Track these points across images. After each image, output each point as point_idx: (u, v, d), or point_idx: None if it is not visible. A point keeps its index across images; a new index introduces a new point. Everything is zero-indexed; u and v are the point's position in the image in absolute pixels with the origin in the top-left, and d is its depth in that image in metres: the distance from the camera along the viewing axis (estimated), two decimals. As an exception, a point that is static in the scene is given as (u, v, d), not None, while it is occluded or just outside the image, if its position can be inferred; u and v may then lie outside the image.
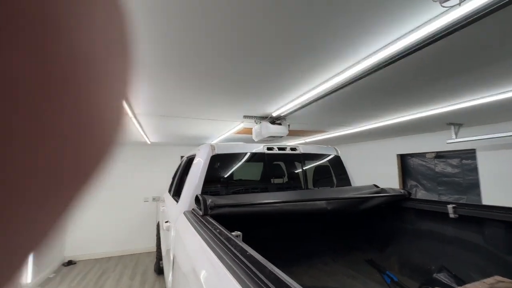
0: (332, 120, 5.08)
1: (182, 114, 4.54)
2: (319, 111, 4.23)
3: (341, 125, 5.64)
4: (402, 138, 6.06)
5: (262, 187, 2.78)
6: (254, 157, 2.76)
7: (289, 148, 2.97)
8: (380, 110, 3.65)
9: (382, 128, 5.31)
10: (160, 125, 5.62)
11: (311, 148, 3.20)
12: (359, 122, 5.16)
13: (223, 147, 2.68)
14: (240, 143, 2.85)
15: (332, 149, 3.34)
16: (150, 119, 4.75)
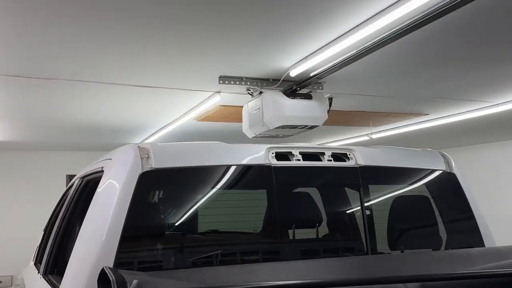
0: (443, 84, 5.39)
1: (76, 75, 5.01)
2: (406, 64, 4.61)
3: (469, 96, 5.96)
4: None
5: (267, 251, 2.77)
6: (247, 175, 2.78)
7: (329, 155, 2.94)
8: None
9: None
10: (22, 101, 6.18)
11: (384, 156, 3.18)
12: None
13: (170, 152, 2.67)
14: (213, 143, 2.83)
15: (437, 156, 3.29)
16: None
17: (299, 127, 4.99)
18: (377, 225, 2.95)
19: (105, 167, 2.69)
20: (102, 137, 9.28)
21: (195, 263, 2.48)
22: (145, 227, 2.52)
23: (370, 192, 3.00)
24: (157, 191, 2.64)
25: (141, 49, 4.01)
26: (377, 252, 2.90)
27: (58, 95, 5.67)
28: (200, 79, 4.95)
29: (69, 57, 4.22)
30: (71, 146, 10.76)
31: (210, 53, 4.10)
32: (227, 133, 8.37)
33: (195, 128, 8.14)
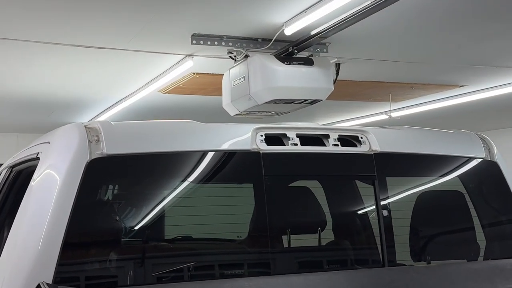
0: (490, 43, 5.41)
1: (1, 32, 5.07)
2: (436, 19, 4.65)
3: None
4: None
5: (255, 262, 2.79)
6: (228, 165, 2.80)
7: (335, 138, 2.96)
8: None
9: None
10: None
11: (407, 139, 3.23)
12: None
13: (127, 133, 2.69)
14: (185, 121, 2.84)
15: (474, 140, 3.32)
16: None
17: (296, 101, 4.98)
18: (397, 229, 2.98)
19: (42, 154, 2.69)
20: (37, 115, 9.25)
21: (161, 278, 2.48)
22: (94, 232, 2.52)
23: (388, 186, 3.02)
24: (110, 185, 2.64)
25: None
26: (397, 264, 2.92)
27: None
28: (166, 38, 4.94)
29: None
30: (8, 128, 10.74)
31: (180, 4, 4.08)
32: (202, 109, 8.39)
33: (159, 103, 8.13)
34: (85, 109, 8.89)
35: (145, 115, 9.01)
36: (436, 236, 3.23)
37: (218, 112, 5.84)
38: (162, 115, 8.99)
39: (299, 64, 4.90)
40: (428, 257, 3.01)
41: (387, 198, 3.02)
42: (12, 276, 2.30)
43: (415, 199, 3.20)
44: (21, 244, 2.37)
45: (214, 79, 6.15)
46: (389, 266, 2.81)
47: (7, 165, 3.67)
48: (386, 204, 2.99)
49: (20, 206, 2.57)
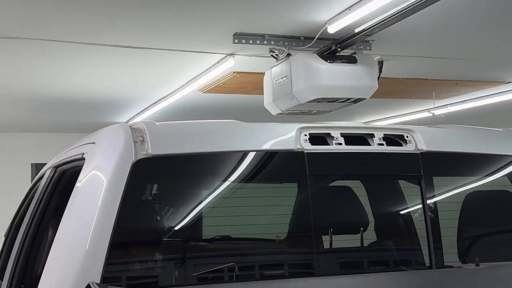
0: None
1: (46, 33, 4.95)
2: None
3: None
4: None
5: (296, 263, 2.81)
6: (271, 165, 2.81)
7: (380, 137, 2.95)
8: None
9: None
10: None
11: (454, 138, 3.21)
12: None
13: (171, 134, 2.72)
14: (228, 122, 2.87)
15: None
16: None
17: (339, 100, 4.96)
18: (444, 230, 2.96)
19: (87, 154, 2.72)
20: (77, 114, 9.37)
21: (201, 279, 2.51)
22: (139, 232, 2.56)
23: (434, 186, 3.00)
24: (154, 185, 2.67)
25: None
26: (444, 266, 2.91)
27: (21, 59, 5.75)
28: (208, 37, 4.96)
29: (36, 11, 4.25)
30: (38, 127, 10.88)
31: (222, 4, 4.09)
32: (241, 108, 8.40)
33: (199, 103, 8.17)
34: (125, 109, 8.98)
35: (184, 115, 9.05)
36: (485, 237, 3.19)
37: (258, 111, 5.85)
38: (201, 115, 9.02)
39: (342, 62, 4.88)
40: (476, 259, 2.97)
41: (434, 198, 3.00)
42: (61, 277, 2.32)
43: (463, 199, 3.16)
44: (69, 245, 2.40)
45: (254, 78, 6.17)
46: (437, 268, 2.79)
47: (51, 165, 3.71)
48: (433, 204, 2.97)
49: (67, 206, 2.61)
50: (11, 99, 7.93)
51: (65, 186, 3.26)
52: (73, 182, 2.72)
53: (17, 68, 6.21)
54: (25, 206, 4.12)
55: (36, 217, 3.45)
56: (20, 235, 3.62)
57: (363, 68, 4.95)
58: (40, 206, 3.44)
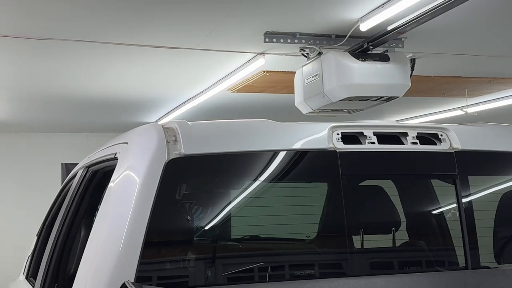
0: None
1: (75, 34, 4.98)
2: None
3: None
4: None
5: (326, 263, 2.80)
6: (303, 164, 2.81)
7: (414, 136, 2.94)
8: None
9: None
10: (4, 68, 6.27)
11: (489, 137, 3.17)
12: None
13: (203, 133, 2.73)
14: (260, 121, 2.88)
15: None
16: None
17: (372, 99, 4.94)
18: (480, 230, 2.93)
19: (120, 154, 2.75)
20: (107, 115, 9.43)
21: (231, 278, 2.53)
22: (172, 232, 2.58)
23: (469, 185, 2.98)
24: (186, 185, 2.68)
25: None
26: (481, 267, 2.89)
27: (51, 59, 5.80)
28: (239, 37, 4.96)
29: (67, 12, 4.29)
30: (68, 127, 10.97)
31: (253, 3, 4.09)
32: (270, 107, 8.40)
33: (227, 102, 8.18)
34: (154, 109, 9.03)
35: (213, 114, 9.08)
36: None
37: (287, 110, 5.85)
38: (230, 114, 9.04)
39: (374, 60, 4.86)
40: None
41: (469, 198, 2.98)
42: (96, 276, 2.35)
43: (499, 199, 3.14)
44: (103, 244, 2.42)
45: (284, 77, 6.16)
46: (473, 268, 2.77)
47: (82, 165, 3.74)
48: (469, 203, 2.95)
49: (100, 206, 2.64)
50: (42, 100, 8.02)
51: (97, 185, 3.29)
52: (105, 181, 2.75)
53: (49, 69, 6.27)
54: (57, 205, 4.17)
55: (69, 217, 3.49)
56: (52, 234, 3.67)
57: (395, 66, 4.92)
58: (73, 205, 3.48)
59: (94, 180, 3.34)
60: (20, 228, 10.27)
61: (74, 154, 9.27)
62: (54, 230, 3.68)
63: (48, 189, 8.92)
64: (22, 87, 7.28)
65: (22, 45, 5.15)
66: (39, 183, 11.07)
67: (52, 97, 7.91)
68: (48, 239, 3.83)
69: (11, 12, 4.31)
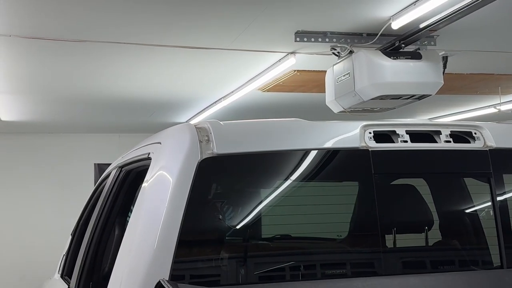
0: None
1: (107, 36, 5.03)
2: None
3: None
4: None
5: (358, 262, 2.80)
6: (335, 163, 2.80)
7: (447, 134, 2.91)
8: None
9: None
10: (38, 70, 6.36)
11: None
12: None
13: (235, 133, 2.75)
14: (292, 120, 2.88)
15: None
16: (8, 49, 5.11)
17: (404, 97, 4.91)
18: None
19: (153, 154, 2.77)
20: (138, 115, 9.50)
21: (263, 277, 2.53)
22: (204, 231, 2.59)
23: (505, 183, 2.96)
24: (219, 184, 2.70)
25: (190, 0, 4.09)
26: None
27: (84, 61, 5.86)
28: (270, 36, 4.96)
29: (99, 14, 4.33)
30: (100, 127, 11.07)
31: (283, 2, 4.10)
32: (301, 107, 8.39)
33: (258, 102, 8.18)
34: (185, 109, 9.06)
35: (243, 114, 9.09)
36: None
37: (318, 109, 5.84)
38: (260, 114, 9.05)
39: (406, 58, 4.84)
40: None
41: (504, 196, 2.95)
42: (131, 275, 2.38)
43: None
44: (138, 243, 2.45)
45: (315, 76, 6.15)
46: (508, 268, 2.74)
47: (116, 165, 3.78)
48: (504, 202, 2.92)
49: (135, 206, 2.67)
50: (75, 100, 8.10)
51: (130, 185, 3.32)
52: (139, 181, 2.78)
53: (81, 70, 6.34)
54: (91, 205, 4.22)
55: (103, 216, 3.53)
56: (87, 233, 3.71)
57: (428, 64, 4.89)
58: (107, 205, 3.51)
59: (128, 179, 3.37)
60: (55, 227, 10.40)
61: (106, 154, 9.35)
62: (89, 229, 3.72)
63: (81, 189, 9.03)
64: (56, 89, 7.36)
65: (56, 47, 5.21)
66: (73, 183, 11.20)
67: (84, 99, 8.00)
68: (82, 238, 3.88)
69: (43, 15, 4.37)
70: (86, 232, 3.78)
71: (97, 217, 3.60)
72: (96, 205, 3.81)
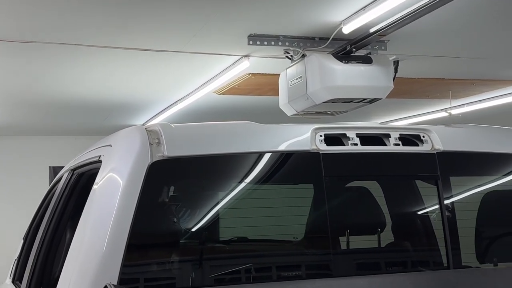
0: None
1: (61, 37, 4.93)
2: None
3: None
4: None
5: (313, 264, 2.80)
6: (287, 166, 2.81)
7: (396, 138, 2.94)
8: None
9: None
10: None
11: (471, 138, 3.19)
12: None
13: (187, 135, 2.74)
14: (243, 123, 2.89)
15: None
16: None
17: (355, 100, 4.96)
18: (462, 230, 2.94)
19: (104, 157, 2.75)
20: (94, 118, 9.42)
21: (218, 280, 2.53)
22: (155, 234, 2.57)
23: (451, 186, 2.99)
24: (170, 187, 2.68)
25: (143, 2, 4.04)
26: (462, 266, 2.90)
27: (38, 63, 5.78)
28: (223, 39, 4.96)
29: (52, 15, 4.28)
30: (55, 130, 10.94)
31: (236, 5, 4.09)
32: (256, 110, 8.41)
33: (214, 105, 8.18)
34: (141, 112, 9.01)
35: (199, 117, 9.08)
36: (503, 237, 3.17)
37: (273, 112, 5.85)
38: (217, 117, 9.04)
39: (357, 62, 4.89)
40: (494, 259, 2.96)
41: (451, 198, 2.99)
42: (79, 278, 2.35)
43: (480, 199, 3.15)
44: (86, 247, 2.42)
45: (270, 79, 6.16)
46: (454, 268, 2.78)
47: (68, 168, 3.74)
48: (450, 204, 2.96)
49: (84, 209, 2.63)
50: (29, 103, 7.99)
51: (82, 188, 3.28)
52: (90, 184, 2.74)
53: (35, 72, 6.24)
54: (43, 208, 4.15)
55: (54, 220, 3.48)
56: (38, 237, 3.65)
57: (378, 68, 4.94)
58: (58, 208, 3.47)
59: (79, 183, 3.33)
60: (9, 232, 10.22)
61: (62, 157, 9.21)
62: (40, 233, 3.66)
63: (35, 192, 8.87)
64: (10, 91, 7.24)
65: (8, 48, 5.13)
66: (27, 186, 11.03)
67: (39, 100, 7.88)
68: (34, 242, 3.81)
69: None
70: (37, 236, 3.72)
71: (48, 221, 3.55)
72: (48, 208, 3.76)
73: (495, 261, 2.94)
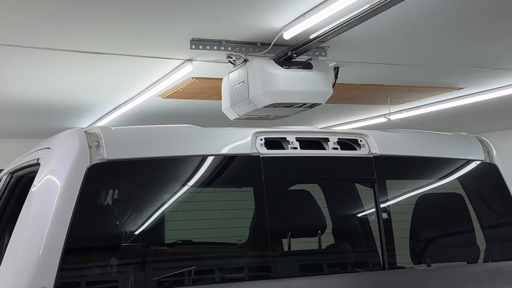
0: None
1: (2, 39, 5.10)
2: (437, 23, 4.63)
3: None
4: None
5: (255, 266, 2.81)
6: (228, 169, 2.82)
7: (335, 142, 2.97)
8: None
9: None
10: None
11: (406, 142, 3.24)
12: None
13: (127, 138, 2.70)
14: (184, 126, 2.87)
15: (473, 142, 3.33)
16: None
17: (296, 105, 4.99)
18: (397, 232, 2.98)
19: (42, 159, 2.70)
20: (37, 120, 9.26)
21: (162, 282, 2.50)
22: (95, 237, 2.53)
23: (387, 189, 3.03)
24: (111, 190, 2.65)
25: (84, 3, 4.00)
26: (397, 267, 2.93)
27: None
28: (166, 43, 4.94)
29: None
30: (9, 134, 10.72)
31: (178, 9, 4.08)
32: (201, 114, 8.40)
33: (159, 108, 8.14)
34: (85, 114, 8.90)
35: (144, 120, 9.02)
36: (436, 239, 3.23)
37: (218, 116, 5.84)
38: (162, 120, 8.99)
39: (298, 68, 4.93)
40: (428, 260, 3.02)
41: (387, 201, 3.03)
42: (14, 282, 2.30)
43: (415, 202, 3.20)
44: (23, 250, 2.37)
45: (213, 84, 6.16)
46: (390, 269, 2.81)
47: (7, 171, 3.67)
48: (386, 207, 3.00)
49: (21, 212, 2.58)
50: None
51: (21, 191, 3.22)
52: (29, 187, 2.69)
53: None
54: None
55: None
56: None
57: (318, 74, 4.99)
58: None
59: (18, 186, 3.27)
60: None
61: (4, 160, 9.00)
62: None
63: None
64: None
65: None
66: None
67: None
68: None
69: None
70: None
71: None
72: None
73: (428, 261, 3.00)
